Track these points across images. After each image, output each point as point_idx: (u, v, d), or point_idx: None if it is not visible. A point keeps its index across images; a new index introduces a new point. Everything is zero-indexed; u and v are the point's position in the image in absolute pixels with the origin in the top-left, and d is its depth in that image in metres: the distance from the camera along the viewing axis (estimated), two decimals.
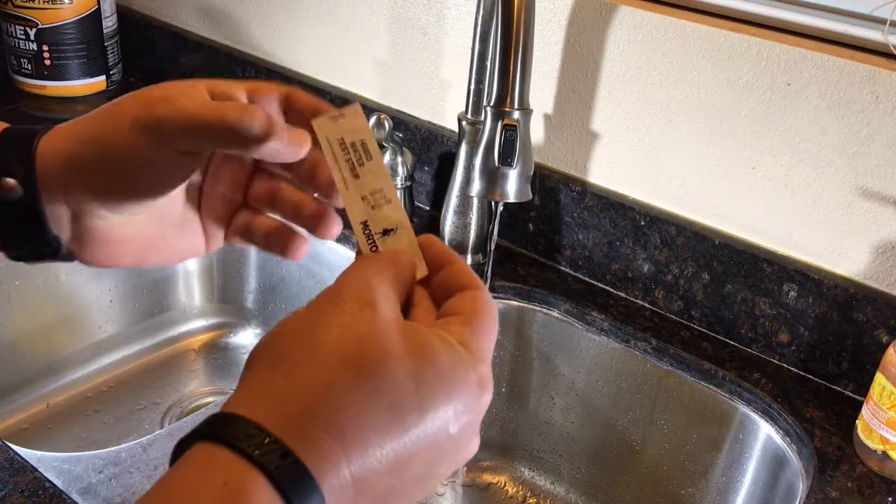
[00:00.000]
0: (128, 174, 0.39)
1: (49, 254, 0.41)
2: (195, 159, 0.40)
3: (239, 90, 0.40)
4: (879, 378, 0.70)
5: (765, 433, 0.79)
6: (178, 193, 0.42)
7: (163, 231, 0.42)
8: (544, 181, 0.94)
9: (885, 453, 0.71)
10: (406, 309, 0.36)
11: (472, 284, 0.36)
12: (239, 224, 0.44)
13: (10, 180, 0.38)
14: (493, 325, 0.35)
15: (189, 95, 0.38)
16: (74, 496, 0.63)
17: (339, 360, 0.31)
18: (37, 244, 0.40)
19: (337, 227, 0.42)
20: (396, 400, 0.30)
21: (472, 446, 0.34)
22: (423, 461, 0.31)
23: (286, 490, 0.28)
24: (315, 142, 0.39)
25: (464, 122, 0.90)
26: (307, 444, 0.29)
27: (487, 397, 0.33)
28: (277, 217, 0.43)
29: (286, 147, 0.39)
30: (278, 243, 0.43)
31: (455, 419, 0.32)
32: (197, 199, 0.43)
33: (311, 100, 0.41)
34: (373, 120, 0.91)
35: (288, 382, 0.30)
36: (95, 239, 0.41)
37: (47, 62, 1.18)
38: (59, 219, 0.40)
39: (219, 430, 0.29)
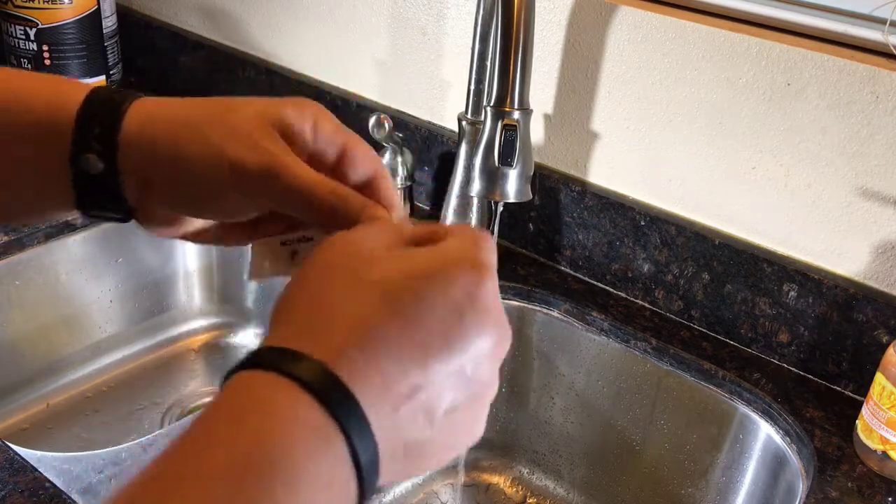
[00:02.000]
0: (203, 202, 0.39)
1: (119, 216, 0.42)
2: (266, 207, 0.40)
3: (338, 143, 0.40)
4: (879, 378, 0.70)
5: (765, 433, 0.79)
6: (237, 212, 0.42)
7: (217, 226, 0.44)
8: (544, 181, 0.94)
9: (885, 453, 0.71)
10: None
11: (448, 233, 0.37)
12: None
13: (93, 156, 0.39)
14: (467, 230, 0.36)
15: (299, 161, 0.38)
16: (74, 496, 0.63)
17: (369, 295, 0.32)
18: (110, 208, 0.41)
19: None
20: (395, 301, 0.31)
21: (492, 387, 0.34)
22: (441, 338, 0.32)
23: (340, 416, 0.29)
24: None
25: (464, 122, 0.90)
26: (351, 371, 0.30)
27: (489, 276, 0.34)
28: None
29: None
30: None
31: (460, 295, 0.32)
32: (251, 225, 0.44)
33: (389, 195, 0.41)
34: (373, 120, 0.91)
35: (328, 317, 0.32)
36: (156, 217, 0.42)
37: (47, 62, 1.18)
38: (129, 189, 0.40)
39: (268, 359, 0.30)
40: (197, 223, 0.43)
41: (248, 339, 1.13)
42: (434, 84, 1.02)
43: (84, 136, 0.39)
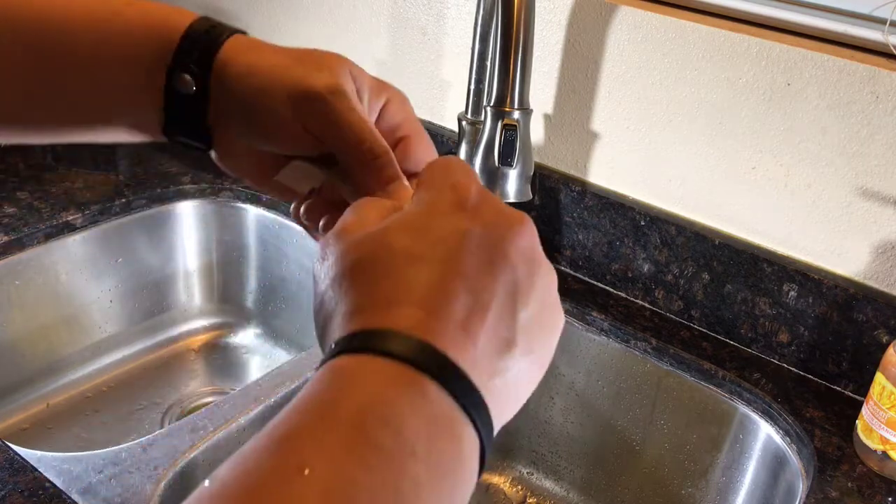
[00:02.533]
0: (266, 128, 0.41)
1: (199, 144, 0.43)
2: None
3: (379, 100, 0.43)
4: (879, 378, 0.70)
5: (765, 433, 0.79)
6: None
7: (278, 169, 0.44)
8: (544, 181, 0.94)
9: (885, 453, 0.71)
10: None
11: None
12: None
13: (188, 77, 0.41)
14: (436, 165, 0.37)
15: (354, 103, 0.40)
16: (74, 496, 0.63)
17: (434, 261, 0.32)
18: (192, 134, 0.43)
19: None
20: (421, 257, 0.32)
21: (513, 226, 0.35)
22: (478, 264, 0.33)
23: (457, 394, 0.30)
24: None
25: (464, 122, 0.90)
26: (457, 348, 0.31)
27: (472, 187, 0.35)
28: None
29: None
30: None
31: (467, 221, 0.33)
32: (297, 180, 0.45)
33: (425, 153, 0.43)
34: None
35: (408, 288, 0.32)
36: (229, 148, 0.43)
37: None
38: (211, 115, 0.42)
39: (372, 343, 0.31)
40: (259, 164, 0.44)
41: (248, 339, 1.13)
42: (434, 84, 1.02)
43: (183, 57, 0.41)
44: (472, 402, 0.30)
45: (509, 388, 0.33)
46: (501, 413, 0.33)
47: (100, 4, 0.42)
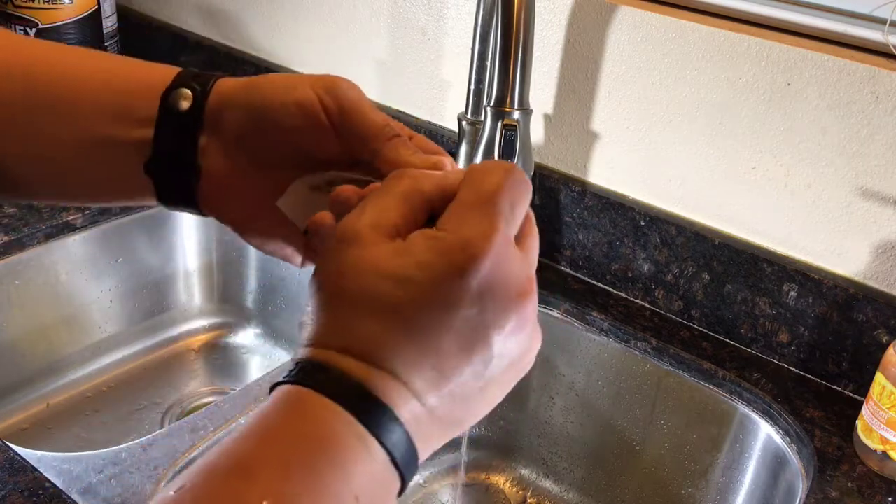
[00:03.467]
0: (277, 140, 0.41)
1: (188, 187, 0.42)
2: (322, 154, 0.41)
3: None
4: (879, 378, 0.70)
5: (765, 433, 0.79)
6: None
7: (271, 216, 0.44)
8: (544, 181, 0.94)
9: (885, 453, 0.71)
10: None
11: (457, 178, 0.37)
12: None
13: (187, 91, 0.41)
14: (483, 180, 0.35)
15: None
16: (74, 496, 0.63)
17: (377, 303, 0.33)
18: (183, 171, 0.42)
19: None
20: (390, 304, 0.33)
21: (524, 293, 0.34)
22: (464, 343, 0.33)
23: (371, 425, 0.32)
24: None
25: (464, 122, 0.90)
26: (381, 383, 0.33)
27: (481, 260, 0.33)
28: None
29: None
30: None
31: (461, 291, 0.33)
32: (300, 204, 0.45)
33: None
34: None
35: (353, 326, 0.33)
36: (219, 180, 0.42)
37: None
38: (204, 148, 0.42)
39: (307, 375, 0.33)
40: (247, 207, 0.44)
41: (248, 339, 1.13)
42: (434, 84, 1.02)
43: (182, 79, 0.42)
44: (405, 458, 0.33)
45: (449, 428, 0.35)
46: (429, 450, 0.35)
47: (96, 63, 0.43)
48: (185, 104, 0.41)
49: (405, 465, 0.33)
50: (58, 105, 0.42)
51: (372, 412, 0.32)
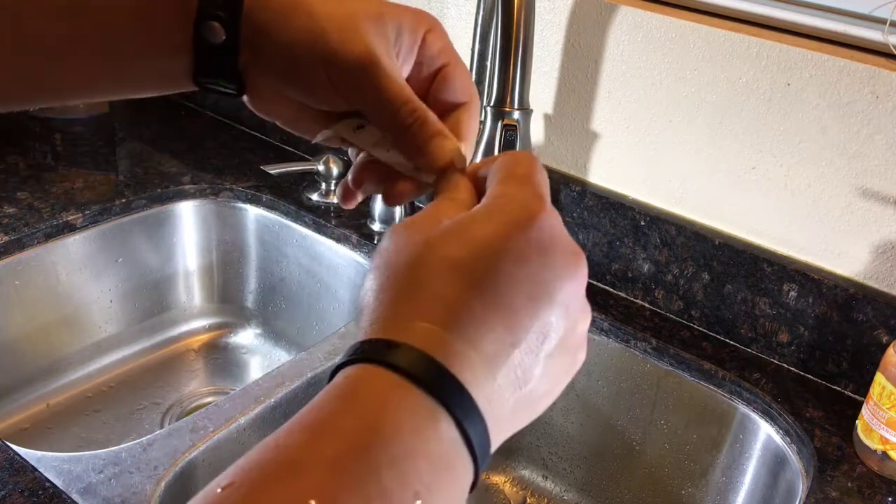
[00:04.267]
0: (300, 85, 0.40)
1: (231, 89, 0.42)
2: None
3: (440, 61, 0.42)
4: (879, 378, 0.70)
5: (765, 433, 0.79)
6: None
7: (310, 119, 0.43)
8: None
9: (885, 453, 0.71)
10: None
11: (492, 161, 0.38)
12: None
13: (217, 25, 0.39)
14: (517, 164, 0.36)
15: (388, 69, 0.39)
16: (74, 496, 0.63)
17: (446, 274, 0.32)
18: (223, 79, 0.41)
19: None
20: (469, 276, 0.32)
21: (566, 259, 0.34)
22: (523, 295, 0.33)
23: (453, 409, 0.30)
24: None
25: None
26: (458, 362, 0.31)
27: (542, 215, 0.34)
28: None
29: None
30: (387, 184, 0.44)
31: (526, 243, 0.33)
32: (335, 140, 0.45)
33: (468, 127, 0.43)
34: None
35: (432, 303, 0.32)
36: (261, 92, 0.42)
37: None
38: (242, 58, 0.41)
39: (379, 353, 0.31)
40: (292, 110, 0.43)
41: (248, 338, 1.13)
42: None
43: (208, 5, 0.40)
44: (480, 441, 0.31)
45: (514, 420, 0.34)
46: (498, 441, 0.33)
47: None
48: (217, 34, 0.39)
49: (479, 446, 0.31)
50: (77, 7, 0.40)
51: (445, 385, 0.30)
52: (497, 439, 0.32)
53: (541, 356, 0.33)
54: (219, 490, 0.27)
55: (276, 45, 0.40)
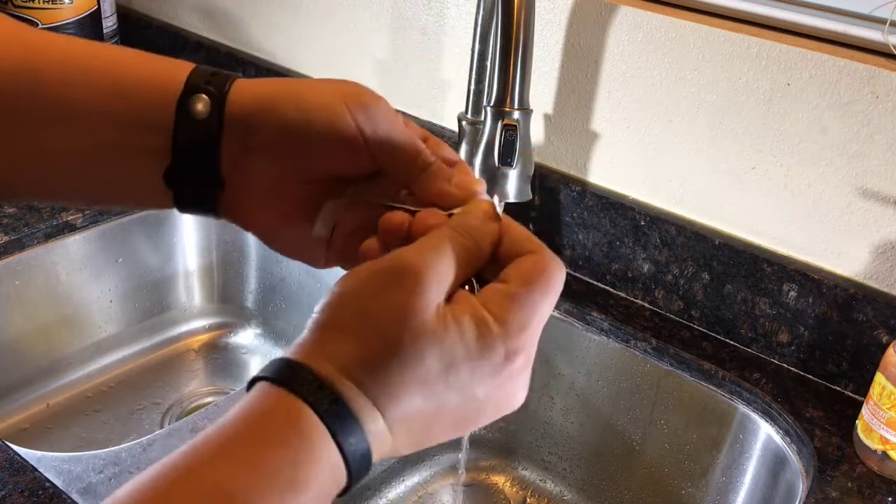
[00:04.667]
0: (308, 125, 0.40)
1: (209, 197, 0.41)
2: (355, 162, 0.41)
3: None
4: (879, 378, 0.70)
5: (765, 433, 0.79)
6: (328, 192, 0.42)
7: (300, 220, 0.43)
8: (544, 181, 0.94)
9: (885, 453, 0.71)
10: (478, 277, 0.39)
11: (529, 250, 0.39)
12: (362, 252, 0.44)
13: (204, 96, 0.39)
14: (541, 294, 0.38)
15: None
16: (74, 496, 0.63)
17: (383, 334, 0.35)
18: (204, 181, 0.40)
19: None
20: (424, 375, 0.35)
21: (513, 401, 0.38)
22: (454, 415, 0.36)
23: (336, 430, 0.33)
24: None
25: (464, 122, 0.90)
26: (352, 395, 0.34)
27: (518, 365, 0.37)
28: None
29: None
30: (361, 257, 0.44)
31: (484, 386, 0.36)
32: (332, 222, 0.44)
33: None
34: None
35: (341, 344, 0.35)
36: (244, 189, 0.41)
37: None
38: (227, 157, 0.40)
39: (283, 373, 0.35)
40: (275, 213, 0.43)
41: (247, 339, 1.13)
42: (434, 84, 1.02)
43: (196, 80, 0.39)
44: (361, 467, 0.34)
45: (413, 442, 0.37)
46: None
47: (104, 59, 0.41)
48: (202, 109, 0.39)
49: (356, 476, 0.34)
50: (66, 110, 0.39)
51: (341, 417, 0.33)
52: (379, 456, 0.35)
53: (441, 431, 0.37)
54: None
55: (283, 105, 0.39)
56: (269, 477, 0.31)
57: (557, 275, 0.38)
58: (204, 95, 0.39)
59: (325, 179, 0.41)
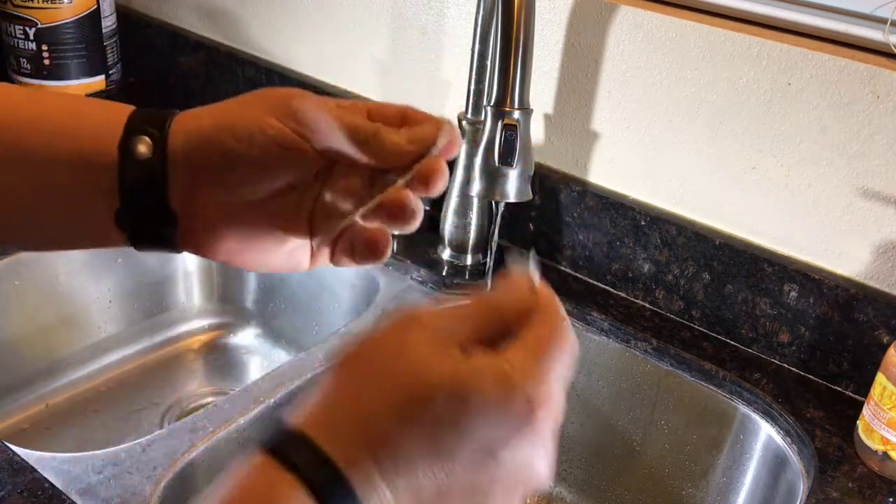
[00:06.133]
0: (249, 149, 0.40)
1: (164, 234, 0.41)
2: (307, 160, 0.41)
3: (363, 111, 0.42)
4: (880, 378, 0.70)
5: (765, 433, 0.79)
6: (290, 202, 0.42)
7: (266, 236, 0.42)
8: (544, 181, 0.94)
9: (885, 454, 0.71)
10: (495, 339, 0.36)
11: (546, 312, 0.37)
12: (345, 241, 0.43)
13: (145, 138, 0.39)
14: (556, 351, 0.35)
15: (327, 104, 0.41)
16: (74, 496, 0.63)
17: (389, 395, 0.32)
18: (156, 218, 0.41)
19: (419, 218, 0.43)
20: (434, 425, 0.31)
21: (534, 473, 0.34)
22: (466, 484, 0.32)
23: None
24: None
25: (464, 122, 0.90)
26: (351, 463, 0.31)
27: (542, 418, 0.33)
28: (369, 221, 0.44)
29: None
30: (374, 249, 0.43)
31: (500, 443, 0.32)
32: (308, 215, 0.43)
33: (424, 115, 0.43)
34: None
35: (347, 408, 0.33)
36: (200, 221, 0.41)
37: (46, 62, 1.17)
38: (176, 193, 0.40)
39: (283, 445, 0.32)
40: (239, 238, 0.42)
41: (247, 339, 1.13)
42: (434, 84, 1.02)
43: (137, 123, 0.40)
44: None
45: None
46: None
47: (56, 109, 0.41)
48: (144, 151, 0.39)
49: None
50: (15, 153, 0.40)
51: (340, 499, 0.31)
52: None
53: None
54: None
55: (216, 130, 0.40)
56: None
57: (565, 342, 0.36)
58: (145, 137, 0.39)
59: (281, 191, 0.41)
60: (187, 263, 1.11)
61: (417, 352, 0.33)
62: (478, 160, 0.71)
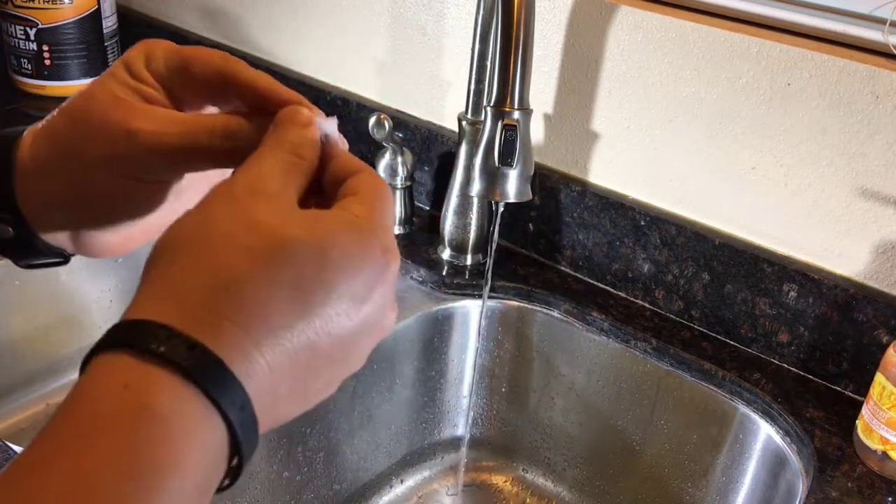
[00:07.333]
0: (107, 210, 0.39)
1: (59, 262, 0.41)
2: (169, 180, 0.39)
3: (168, 67, 0.38)
4: (879, 378, 0.70)
5: (765, 433, 0.79)
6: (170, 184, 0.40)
7: (166, 212, 0.41)
8: (544, 181, 0.94)
9: (885, 453, 0.71)
10: (306, 198, 0.35)
11: (360, 168, 0.35)
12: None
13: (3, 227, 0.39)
14: (387, 201, 0.35)
15: (147, 117, 0.36)
16: None
17: (234, 250, 0.30)
18: (44, 257, 0.41)
19: None
20: (298, 281, 0.30)
21: (388, 320, 0.34)
22: (337, 338, 0.31)
23: (200, 380, 0.28)
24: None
25: (464, 122, 0.90)
26: (213, 335, 0.28)
27: (394, 266, 0.33)
28: None
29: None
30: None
31: (365, 292, 0.32)
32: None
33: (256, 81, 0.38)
34: (373, 120, 0.91)
35: (184, 278, 0.29)
36: (98, 243, 0.41)
37: (47, 62, 1.18)
38: (57, 238, 0.40)
39: (118, 336, 0.29)
40: (142, 230, 0.41)
41: None
42: (434, 84, 1.02)
43: None
44: (249, 435, 0.29)
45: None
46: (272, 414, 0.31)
47: None
48: (7, 235, 0.39)
49: (245, 440, 0.29)
50: None
51: (211, 373, 0.28)
52: (268, 420, 0.30)
53: (325, 364, 0.32)
54: None
55: (65, 172, 0.38)
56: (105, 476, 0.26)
57: (388, 190, 0.35)
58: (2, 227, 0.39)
59: (131, 179, 0.39)
60: None
61: (264, 214, 0.31)
62: (478, 160, 0.72)
